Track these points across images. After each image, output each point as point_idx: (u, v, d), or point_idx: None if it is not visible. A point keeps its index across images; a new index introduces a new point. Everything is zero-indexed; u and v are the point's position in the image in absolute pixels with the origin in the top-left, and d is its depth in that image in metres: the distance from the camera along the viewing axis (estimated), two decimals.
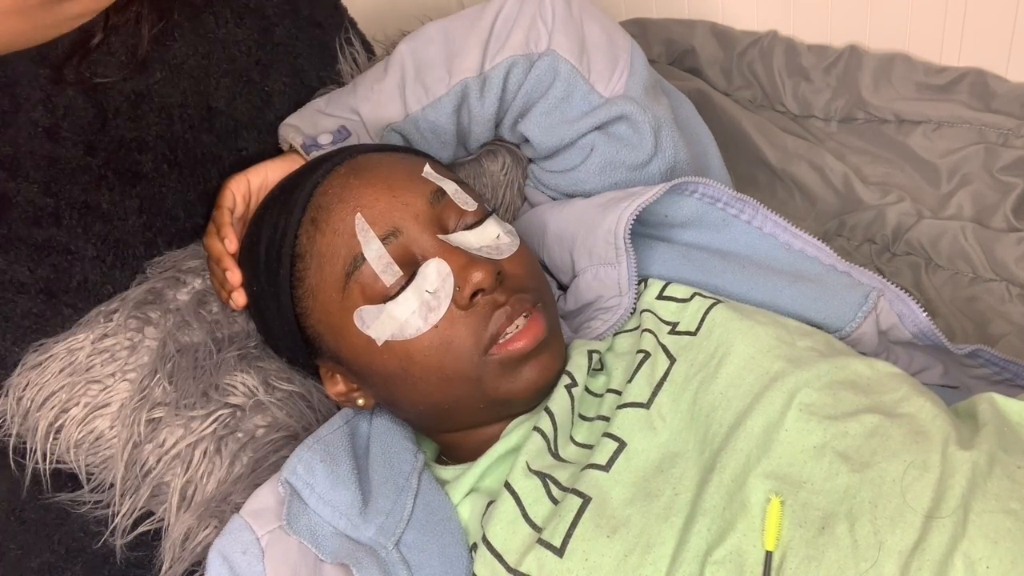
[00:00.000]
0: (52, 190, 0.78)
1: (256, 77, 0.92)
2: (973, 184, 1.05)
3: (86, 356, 0.81)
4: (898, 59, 1.11)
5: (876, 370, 0.69)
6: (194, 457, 0.80)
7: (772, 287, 0.80)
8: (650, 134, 0.86)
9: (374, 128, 0.88)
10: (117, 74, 0.80)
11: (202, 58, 0.88)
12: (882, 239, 1.08)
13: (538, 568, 0.64)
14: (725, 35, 1.22)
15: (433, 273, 0.71)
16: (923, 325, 0.78)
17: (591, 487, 0.66)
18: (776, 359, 0.69)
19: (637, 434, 0.69)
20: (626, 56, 0.88)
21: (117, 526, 0.80)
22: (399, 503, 0.72)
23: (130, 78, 0.82)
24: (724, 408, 0.68)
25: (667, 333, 0.76)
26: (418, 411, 0.76)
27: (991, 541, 0.55)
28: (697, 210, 0.83)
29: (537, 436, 0.71)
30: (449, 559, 0.70)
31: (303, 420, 0.85)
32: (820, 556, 0.57)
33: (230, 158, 0.90)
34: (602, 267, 0.81)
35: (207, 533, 0.79)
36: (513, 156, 0.98)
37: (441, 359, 0.71)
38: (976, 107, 1.07)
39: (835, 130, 1.15)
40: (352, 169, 0.76)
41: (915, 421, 0.64)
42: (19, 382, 0.81)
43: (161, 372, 0.81)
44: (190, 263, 0.88)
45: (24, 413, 0.80)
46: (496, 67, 0.86)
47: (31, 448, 0.80)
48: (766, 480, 0.62)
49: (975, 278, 1.01)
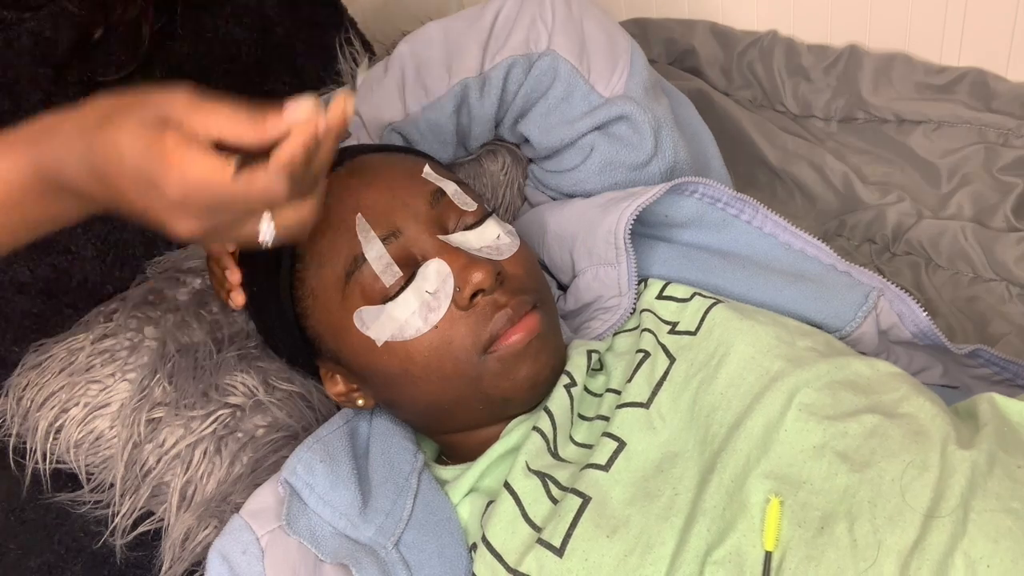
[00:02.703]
0: None
1: (256, 77, 0.92)
2: (973, 184, 1.05)
3: (86, 356, 0.81)
4: (898, 59, 1.11)
5: (876, 370, 0.69)
6: (194, 457, 0.80)
7: (772, 287, 0.80)
8: (650, 134, 0.86)
9: (374, 128, 0.88)
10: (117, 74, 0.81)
11: (202, 58, 0.88)
12: (882, 239, 1.08)
13: (538, 568, 0.64)
14: (725, 35, 1.22)
15: (433, 274, 0.71)
16: (923, 325, 0.78)
17: (591, 487, 0.66)
18: (776, 359, 0.69)
19: (637, 434, 0.69)
20: (626, 56, 0.88)
21: (117, 526, 0.80)
22: (399, 503, 0.72)
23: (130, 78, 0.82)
24: (724, 408, 0.68)
25: (667, 333, 0.76)
26: (418, 411, 0.76)
27: (992, 540, 0.55)
28: (697, 210, 0.83)
29: (537, 436, 0.71)
30: (449, 559, 0.70)
31: (303, 420, 0.85)
32: (819, 556, 0.57)
33: None
34: (602, 267, 0.81)
35: (207, 533, 0.80)
36: (513, 156, 0.98)
37: (441, 359, 0.71)
38: (976, 107, 1.07)
39: (835, 130, 1.15)
40: (352, 169, 0.76)
41: (915, 421, 0.64)
42: (19, 382, 0.81)
43: (161, 372, 0.81)
44: (190, 263, 0.88)
45: (24, 413, 0.80)
46: (496, 67, 0.86)
47: (31, 448, 0.80)
48: (766, 480, 0.62)
49: (975, 278, 1.01)
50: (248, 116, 0.51)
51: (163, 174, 0.48)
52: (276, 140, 0.51)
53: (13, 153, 0.53)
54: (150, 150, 0.48)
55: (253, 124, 0.51)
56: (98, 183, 0.52)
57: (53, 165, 0.52)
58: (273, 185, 0.50)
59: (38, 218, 0.56)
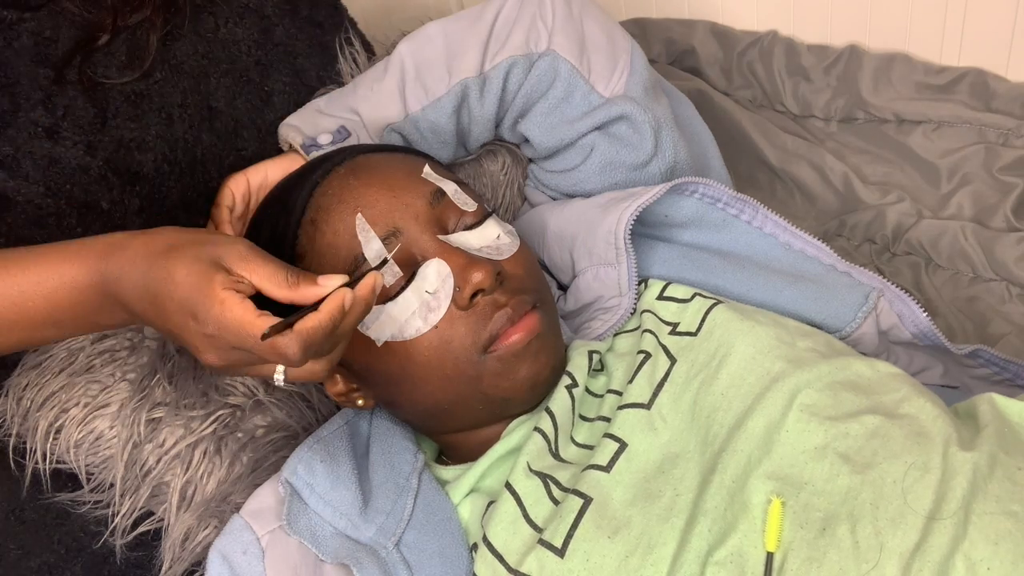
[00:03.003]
0: (52, 190, 0.78)
1: (256, 77, 0.92)
2: (973, 184, 1.05)
3: (86, 356, 0.81)
4: (898, 59, 1.11)
5: (877, 370, 0.69)
6: (194, 457, 0.80)
7: (772, 287, 0.80)
8: (650, 134, 0.86)
9: (374, 128, 0.88)
10: (119, 76, 0.80)
11: (202, 58, 0.88)
12: (882, 239, 1.08)
13: (539, 569, 0.64)
14: (725, 35, 1.22)
15: (433, 274, 0.71)
16: (923, 325, 0.78)
17: (592, 488, 0.66)
18: (777, 360, 0.69)
19: (638, 435, 0.69)
20: (626, 56, 0.88)
21: (117, 526, 0.80)
22: (399, 503, 0.72)
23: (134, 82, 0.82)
24: (725, 409, 0.68)
25: (668, 333, 0.76)
26: (418, 411, 0.76)
27: (992, 543, 0.55)
28: (697, 210, 0.83)
29: (538, 436, 0.71)
30: (449, 559, 0.70)
31: (303, 420, 0.85)
32: (821, 557, 0.57)
33: (230, 158, 0.90)
34: (602, 267, 0.81)
35: (207, 533, 0.80)
36: (513, 156, 0.97)
37: (441, 359, 0.71)
38: (976, 107, 1.07)
39: (835, 130, 1.15)
40: (352, 169, 0.76)
41: (916, 422, 0.64)
42: (19, 382, 0.81)
43: (161, 372, 0.81)
44: None
45: (24, 413, 0.80)
46: (496, 67, 0.86)
47: (31, 448, 0.80)
48: (767, 481, 0.62)
49: (975, 278, 1.02)
50: (287, 277, 0.59)
51: (205, 309, 0.55)
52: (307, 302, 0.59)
53: (86, 262, 0.60)
54: (199, 285, 0.56)
55: (289, 287, 0.59)
56: (149, 303, 0.58)
57: (115, 279, 0.59)
58: (289, 352, 0.55)
59: (89, 322, 0.63)
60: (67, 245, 0.63)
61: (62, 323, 0.62)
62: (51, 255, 0.62)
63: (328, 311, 0.57)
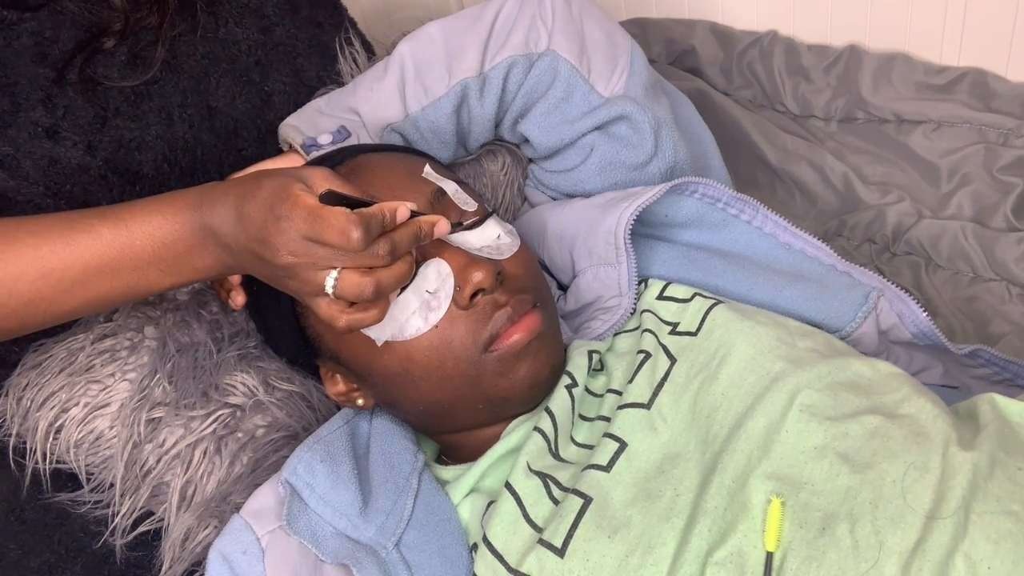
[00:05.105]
0: (52, 190, 0.78)
1: (256, 77, 0.92)
2: (973, 184, 1.05)
3: (86, 356, 0.81)
4: (898, 59, 1.11)
5: (877, 370, 0.69)
6: (194, 457, 0.80)
7: (772, 287, 0.80)
8: (650, 134, 0.86)
9: (374, 128, 0.88)
10: (119, 77, 0.80)
11: (202, 58, 0.88)
12: (882, 239, 1.08)
13: (539, 568, 0.64)
14: (725, 35, 1.22)
15: (433, 273, 0.71)
16: (923, 325, 0.78)
17: (592, 487, 0.67)
18: (777, 360, 0.69)
19: (638, 435, 0.69)
20: (626, 56, 0.88)
21: (117, 526, 0.80)
22: (399, 503, 0.72)
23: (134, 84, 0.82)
24: (725, 409, 0.68)
25: (668, 333, 0.76)
26: (418, 411, 0.76)
27: (992, 542, 0.55)
28: (697, 210, 0.83)
29: (538, 436, 0.71)
30: (449, 559, 0.70)
31: (303, 420, 0.85)
32: (821, 557, 0.57)
33: (230, 158, 0.90)
34: (602, 267, 0.81)
35: (207, 533, 0.79)
36: (513, 156, 0.98)
37: (441, 359, 0.71)
38: (976, 107, 1.07)
39: (835, 130, 1.15)
40: (352, 169, 0.76)
41: (916, 422, 0.64)
42: (19, 382, 0.81)
43: (161, 372, 0.81)
44: None
45: (24, 413, 0.80)
46: (496, 67, 0.86)
47: (31, 448, 0.80)
48: (767, 481, 0.62)
49: (975, 278, 1.01)
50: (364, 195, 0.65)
51: (280, 200, 0.61)
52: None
53: (182, 214, 0.66)
54: (281, 186, 0.62)
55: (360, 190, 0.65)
56: (235, 221, 0.64)
57: (210, 218, 0.65)
58: (349, 225, 0.60)
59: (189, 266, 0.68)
60: (160, 196, 0.68)
61: (165, 261, 0.67)
62: (150, 202, 0.67)
63: (386, 205, 0.63)
